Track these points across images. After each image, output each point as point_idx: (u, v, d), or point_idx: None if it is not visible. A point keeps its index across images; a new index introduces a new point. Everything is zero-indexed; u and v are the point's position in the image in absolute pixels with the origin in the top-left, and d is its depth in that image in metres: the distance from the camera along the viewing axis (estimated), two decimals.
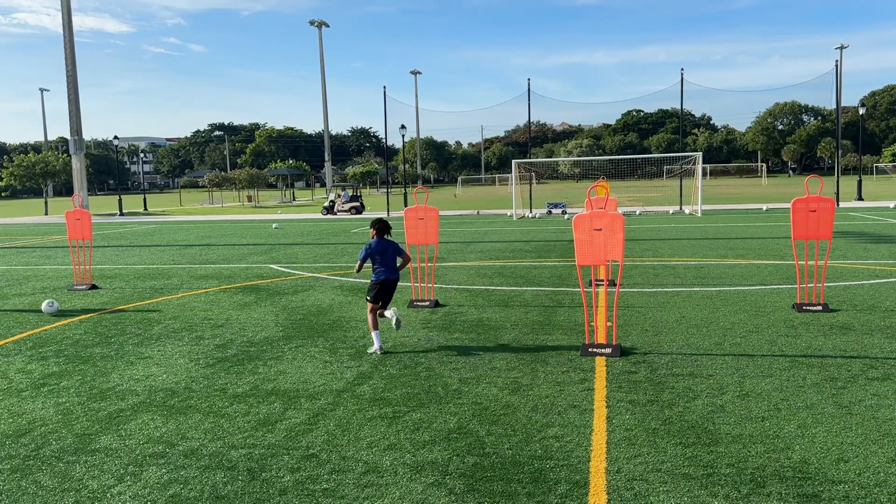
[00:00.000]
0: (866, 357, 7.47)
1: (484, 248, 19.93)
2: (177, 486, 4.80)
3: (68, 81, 45.60)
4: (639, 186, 67.97)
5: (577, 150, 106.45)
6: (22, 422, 6.20)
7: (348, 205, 43.80)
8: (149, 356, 8.39)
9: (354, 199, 44.40)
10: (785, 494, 4.43)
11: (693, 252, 17.49)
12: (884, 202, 37.18)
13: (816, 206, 9.81)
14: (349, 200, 44.24)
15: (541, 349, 8.19)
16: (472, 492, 4.59)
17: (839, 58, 40.43)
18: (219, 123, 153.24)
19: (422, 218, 11.11)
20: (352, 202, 44.01)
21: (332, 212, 44.01)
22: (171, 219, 44.38)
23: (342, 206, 43.97)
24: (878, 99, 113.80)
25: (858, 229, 22.57)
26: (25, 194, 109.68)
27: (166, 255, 20.43)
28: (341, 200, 44.26)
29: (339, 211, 43.92)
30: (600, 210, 7.99)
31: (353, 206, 43.53)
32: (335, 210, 44.01)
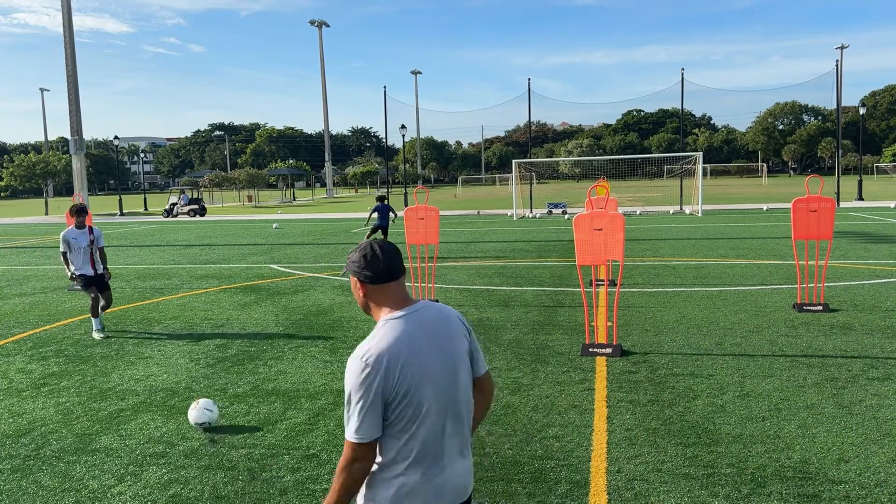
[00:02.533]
0: (867, 357, 7.47)
1: (484, 248, 19.93)
2: (177, 486, 4.80)
3: (68, 81, 45.61)
4: (639, 186, 67.97)
5: (578, 150, 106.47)
6: (22, 422, 6.21)
7: (187, 207, 45.98)
8: (149, 356, 8.39)
9: (194, 202, 46.97)
10: (785, 494, 4.43)
11: (693, 252, 17.49)
12: (884, 202, 37.17)
13: (817, 206, 9.80)
14: (188, 203, 46.71)
15: (541, 349, 8.19)
16: (472, 491, 4.59)
17: (839, 58, 40.40)
18: (219, 123, 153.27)
19: (422, 218, 11.10)
20: (191, 204, 46.41)
21: (171, 214, 45.87)
22: (171, 219, 44.39)
23: (181, 209, 46.05)
24: (879, 99, 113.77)
25: (859, 229, 22.56)
26: (26, 194, 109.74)
27: (166, 255, 20.43)
28: (181, 203, 46.58)
29: (179, 213, 45.91)
30: (600, 210, 7.98)
31: (192, 209, 45.72)
32: (175, 212, 45.91)
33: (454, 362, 2.53)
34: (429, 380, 2.46)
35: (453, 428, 2.54)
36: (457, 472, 2.56)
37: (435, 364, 2.48)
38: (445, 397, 2.51)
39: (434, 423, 2.48)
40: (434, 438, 2.49)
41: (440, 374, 2.49)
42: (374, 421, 2.40)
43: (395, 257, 2.55)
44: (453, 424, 2.54)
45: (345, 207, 53.00)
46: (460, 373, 2.55)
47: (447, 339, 2.54)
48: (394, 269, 2.53)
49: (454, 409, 2.54)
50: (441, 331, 2.54)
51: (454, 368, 2.53)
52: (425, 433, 2.47)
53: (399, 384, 2.41)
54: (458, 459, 2.57)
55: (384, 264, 2.52)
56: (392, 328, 2.47)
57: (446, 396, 2.51)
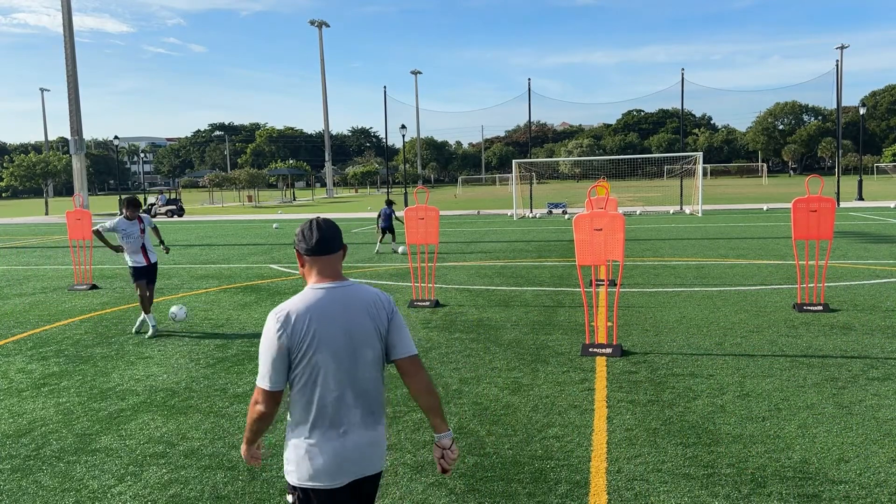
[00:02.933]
0: (867, 357, 7.47)
1: (484, 248, 19.93)
2: (177, 486, 4.81)
3: (68, 81, 45.61)
4: (639, 186, 67.97)
5: (578, 150, 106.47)
6: (22, 422, 6.21)
7: (165, 207, 46.72)
8: (149, 356, 8.39)
9: (172, 203, 47.54)
10: (785, 494, 4.43)
11: (693, 252, 17.49)
12: (884, 202, 37.17)
13: (817, 206, 9.80)
14: (166, 203, 47.44)
15: (541, 349, 8.19)
16: (472, 492, 4.59)
17: (839, 58, 40.39)
18: (219, 123, 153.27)
19: (422, 218, 11.11)
20: (169, 205, 47.13)
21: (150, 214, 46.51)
22: (171, 219, 44.40)
23: (160, 209, 46.84)
24: (879, 99, 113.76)
25: (859, 229, 22.56)
26: (26, 194, 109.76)
27: (166, 255, 20.43)
28: (159, 203, 47.46)
29: (158, 213, 46.65)
30: (601, 210, 7.98)
31: (170, 209, 46.48)
32: (153, 213, 46.65)
33: (357, 340, 2.76)
34: (329, 348, 2.71)
35: (354, 400, 2.77)
36: (358, 443, 2.77)
37: (338, 336, 2.73)
38: (346, 369, 2.75)
39: (333, 390, 2.73)
40: (332, 405, 2.73)
41: (342, 346, 2.73)
42: (278, 371, 2.70)
43: (327, 235, 2.78)
44: (354, 397, 2.77)
45: (345, 207, 53.01)
46: (363, 350, 2.77)
47: (357, 317, 2.76)
48: (324, 246, 2.76)
49: (355, 382, 2.77)
50: (353, 309, 2.77)
51: (357, 345, 2.76)
52: (322, 398, 2.72)
53: (301, 343, 2.69)
54: (359, 430, 2.78)
55: (316, 240, 2.76)
56: (311, 295, 2.76)
57: (347, 369, 2.75)
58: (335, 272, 2.82)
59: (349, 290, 2.81)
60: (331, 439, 2.74)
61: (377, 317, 2.81)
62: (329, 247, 2.78)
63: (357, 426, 2.78)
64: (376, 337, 2.81)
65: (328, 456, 2.74)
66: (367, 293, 2.84)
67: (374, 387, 2.83)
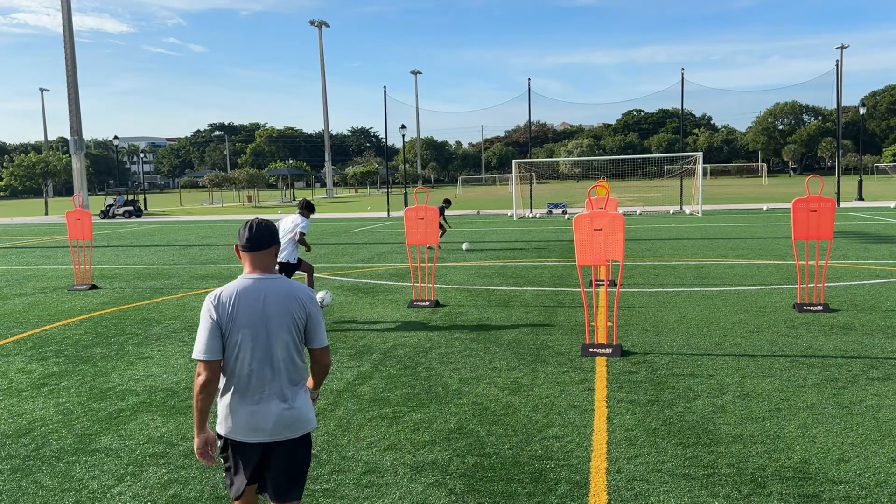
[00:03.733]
0: (867, 357, 7.47)
1: (484, 248, 19.93)
2: (177, 486, 4.80)
3: (68, 81, 45.61)
4: (639, 186, 67.97)
5: (578, 150, 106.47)
6: (22, 422, 6.20)
7: (122, 209, 47.02)
8: (149, 356, 8.39)
9: (129, 204, 47.83)
10: (785, 494, 4.43)
11: (693, 252, 17.49)
12: (884, 202, 37.17)
13: (817, 206, 9.80)
14: (124, 205, 47.73)
15: (541, 349, 8.18)
16: (472, 492, 4.59)
17: (839, 58, 40.40)
18: (219, 123, 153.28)
19: (422, 218, 11.11)
20: (126, 206, 47.44)
21: (108, 215, 46.91)
22: (172, 219, 44.39)
23: (117, 210, 47.13)
24: (879, 99, 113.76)
25: (859, 229, 22.56)
26: (25, 194, 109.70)
27: (166, 255, 20.43)
28: (116, 205, 47.64)
29: (115, 214, 46.96)
30: (600, 210, 7.98)
31: (127, 210, 46.82)
32: (111, 214, 46.96)
33: (273, 324, 3.22)
34: (247, 328, 3.20)
35: (272, 374, 3.24)
36: (270, 411, 3.23)
37: (256, 319, 3.21)
38: (263, 348, 3.22)
39: (250, 364, 3.22)
40: (250, 376, 3.23)
41: (259, 328, 3.21)
42: (211, 343, 3.17)
43: (257, 235, 3.26)
44: (271, 372, 3.24)
45: (345, 207, 53.01)
46: (278, 334, 3.23)
47: (275, 306, 3.23)
48: (254, 244, 3.25)
49: (272, 360, 3.24)
50: (272, 298, 3.23)
51: (272, 329, 3.23)
52: (241, 369, 3.22)
53: (227, 321, 3.20)
54: (275, 400, 3.24)
55: (247, 238, 3.26)
56: (240, 283, 3.26)
57: (263, 348, 3.22)
58: (264, 266, 3.29)
59: (273, 282, 3.27)
60: (247, 404, 3.23)
61: (294, 308, 3.26)
62: (258, 244, 3.26)
63: (272, 397, 3.24)
64: (292, 325, 3.25)
65: (243, 417, 3.23)
66: (289, 287, 3.29)
67: (291, 366, 3.28)
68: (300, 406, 3.30)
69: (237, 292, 3.23)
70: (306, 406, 3.34)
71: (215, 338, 3.18)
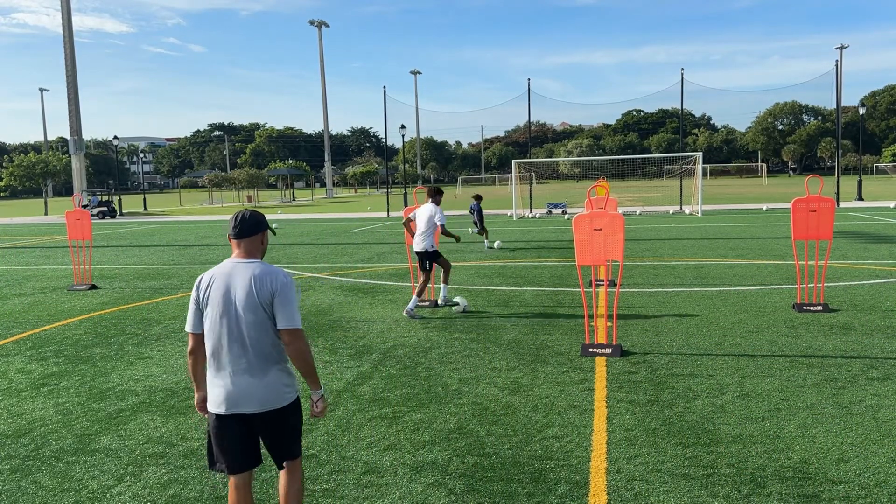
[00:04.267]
0: (866, 357, 7.47)
1: (484, 248, 19.92)
2: (177, 486, 4.80)
3: (68, 81, 45.60)
4: (639, 186, 67.97)
5: (577, 150, 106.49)
6: (22, 422, 6.20)
7: (96, 209, 47.08)
8: (149, 356, 8.39)
9: (104, 205, 48.02)
10: (785, 494, 4.43)
11: (693, 252, 17.49)
12: (884, 202, 37.18)
13: (817, 206, 9.80)
14: (98, 205, 47.90)
15: (541, 349, 8.18)
16: (472, 492, 4.59)
17: (839, 58, 40.42)
18: (218, 123, 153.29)
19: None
20: (100, 207, 47.62)
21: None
22: (171, 219, 44.39)
23: (91, 211, 46.94)
24: (878, 99, 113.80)
25: (858, 229, 22.56)
26: (25, 194, 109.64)
27: (166, 255, 20.43)
28: (91, 205, 47.76)
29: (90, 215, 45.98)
30: (600, 210, 7.98)
31: (101, 211, 46.90)
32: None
33: (239, 305, 3.53)
34: (218, 307, 3.55)
35: (240, 351, 3.54)
36: (240, 384, 3.54)
37: (226, 299, 3.55)
38: (231, 326, 3.54)
39: (220, 340, 3.56)
40: (220, 351, 3.56)
41: (230, 307, 3.54)
42: (192, 318, 3.64)
43: (241, 224, 3.64)
44: (240, 348, 3.54)
45: (344, 207, 53.01)
46: (245, 313, 3.52)
47: (239, 288, 3.54)
48: (238, 232, 3.63)
49: (240, 337, 3.54)
50: (239, 280, 3.55)
51: (239, 309, 3.53)
52: (214, 345, 3.58)
53: (203, 299, 3.61)
54: (244, 375, 3.54)
55: (233, 226, 3.65)
56: (222, 266, 3.65)
57: (232, 326, 3.54)
58: (246, 252, 3.63)
59: (248, 266, 3.59)
60: (222, 378, 3.57)
61: (260, 290, 3.52)
62: (242, 233, 3.63)
63: (242, 372, 3.54)
64: (257, 305, 3.52)
65: (218, 390, 3.58)
66: (261, 271, 3.57)
67: (260, 344, 3.54)
68: (271, 382, 3.57)
69: (214, 274, 3.63)
70: (279, 382, 3.60)
71: (195, 313, 3.63)
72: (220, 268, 3.64)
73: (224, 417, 3.58)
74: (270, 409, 3.57)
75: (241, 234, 3.63)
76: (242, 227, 3.64)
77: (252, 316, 3.52)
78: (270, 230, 3.84)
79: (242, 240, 3.64)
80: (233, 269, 3.59)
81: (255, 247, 3.66)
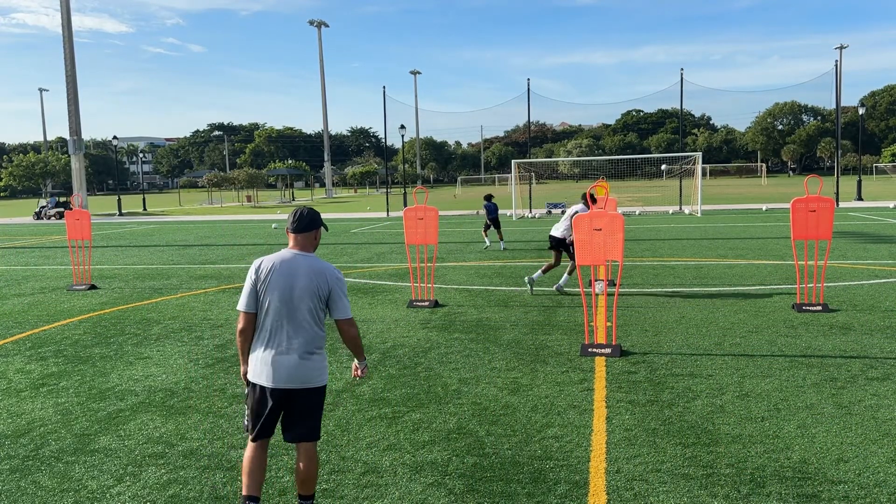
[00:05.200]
0: (866, 357, 7.47)
1: (484, 248, 19.92)
2: (176, 486, 4.80)
3: (67, 81, 45.59)
4: (638, 186, 67.99)
5: (577, 150, 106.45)
6: (21, 422, 6.20)
7: (54, 210, 47.13)
8: (148, 356, 8.39)
9: (62, 206, 47.69)
10: (785, 494, 4.43)
11: (693, 252, 17.49)
12: (883, 202, 37.19)
13: (816, 206, 9.80)
14: (55, 206, 47.79)
15: (540, 349, 8.18)
16: (471, 492, 4.59)
17: (839, 58, 40.43)
18: (218, 123, 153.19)
19: (421, 218, 11.11)
20: (58, 208, 47.39)
21: (40, 217, 47.27)
22: (171, 219, 44.38)
23: (49, 212, 47.27)
24: (878, 99, 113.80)
25: (858, 229, 22.57)
26: (25, 194, 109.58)
27: (166, 255, 20.43)
28: (48, 206, 47.84)
29: (47, 216, 47.03)
30: (600, 210, 7.98)
31: (59, 212, 46.66)
32: (44, 215, 47.14)
33: (297, 292, 3.93)
34: (277, 290, 3.93)
35: (293, 332, 3.95)
36: (289, 362, 3.94)
37: (285, 286, 3.93)
38: (287, 310, 3.93)
39: (276, 320, 3.95)
40: (274, 330, 3.95)
41: (287, 291, 3.93)
42: (248, 299, 3.99)
43: (300, 220, 4.05)
44: (293, 331, 3.95)
45: (344, 207, 53.01)
46: (301, 301, 3.93)
47: (300, 278, 3.93)
48: (298, 226, 4.04)
49: (293, 321, 3.94)
50: (300, 271, 3.95)
51: (297, 296, 3.93)
52: (269, 324, 3.96)
53: (262, 282, 3.97)
54: (293, 354, 3.94)
55: (290, 222, 4.06)
56: (282, 254, 4.01)
57: (288, 310, 3.93)
58: (304, 245, 4.05)
59: (307, 259, 4.00)
60: (271, 354, 3.94)
61: (318, 283, 3.94)
62: (301, 227, 4.04)
63: (292, 351, 3.93)
64: (315, 296, 3.94)
65: (266, 365, 3.95)
66: (319, 265, 3.98)
67: (310, 329, 3.96)
68: (314, 364, 3.98)
69: (276, 262, 3.97)
70: (319, 365, 4.02)
71: (251, 295, 3.97)
72: (279, 257, 3.99)
73: (268, 389, 3.96)
74: (308, 387, 3.97)
75: (301, 228, 4.03)
76: (301, 222, 4.03)
77: (309, 303, 3.93)
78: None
79: (301, 234, 4.03)
80: (295, 260, 3.97)
81: (310, 241, 4.07)
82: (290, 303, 3.91)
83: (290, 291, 3.91)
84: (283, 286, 3.91)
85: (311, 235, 4.06)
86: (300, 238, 4.03)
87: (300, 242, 4.03)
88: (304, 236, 4.04)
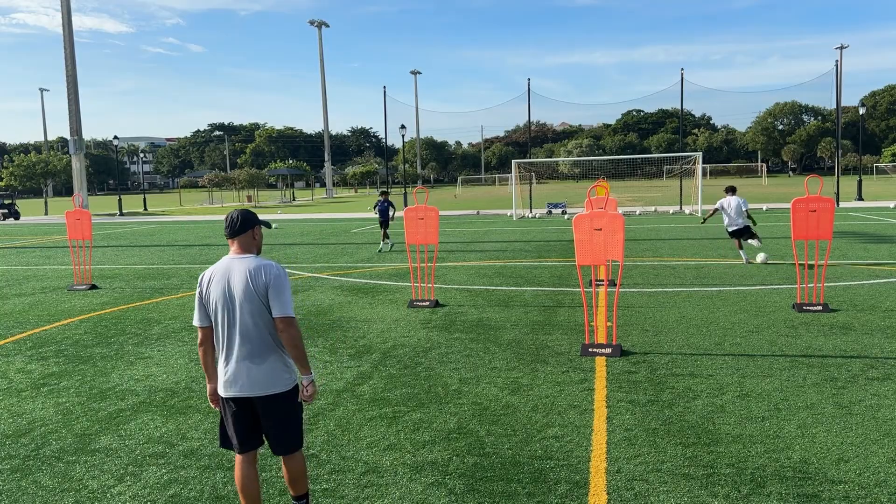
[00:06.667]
0: (866, 357, 7.47)
1: (484, 248, 19.93)
2: (177, 486, 4.80)
3: (68, 81, 45.60)
4: (639, 186, 67.97)
5: (577, 150, 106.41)
6: (22, 422, 6.20)
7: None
8: (149, 356, 8.39)
9: (5, 207, 47.03)
10: (785, 494, 4.43)
11: (693, 252, 17.49)
12: (884, 202, 37.17)
13: (816, 206, 9.80)
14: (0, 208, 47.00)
15: (540, 349, 8.19)
16: (472, 492, 4.59)
17: (839, 58, 40.41)
18: (218, 123, 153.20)
19: (422, 218, 11.10)
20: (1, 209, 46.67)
21: None
22: (171, 219, 44.38)
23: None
24: (878, 99, 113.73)
25: (858, 229, 22.56)
26: (25, 194, 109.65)
27: (166, 255, 20.43)
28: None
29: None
30: (600, 210, 7.98)
31: (3, 213, 46.13)
32: None
33: (236, 296, 3.84)
34: (219, 299, 3.88)
35: (240, 339, 3.86)
36: (240, 370, 3.86)
37: (222, 290, 3.87)
38: (230, 317, 3.86)
39: (223, 329, 3.89)
40: (224, 340, 3.90)
41: (226, 299, 3.86)
42: (199, 313, 3.97)
43: (231, 225, 3.93)
44: (240, 337, 3.86)
45: (344, 207, 53.00)
46: (242, 304, 3.83)
47: (236, 280, 3.84)
48: (229, 232, 3.94)
49: (240, 326, 3.85)
50: (236, 273, 3.86)
51: (236, 300, 3.84)
52: (218, 334, 3.92)
53: (205, 294, 3.94)
54: (245, 361, 3.86)
55: (225, 228, 3.98)
56: (220, 262, 3.97)
57: (231, 316, 3.86)
58: (240, 248, 3.94)
59: (243, 261, 3.89)
60: (228, 364, 3.90)
61: (254, 283, 3.82)
62: (235, 231, 3.93)
63: (243, 359, 3.86)
64: (253, 297, 3.82)
65: (225, 375, 3.91)
66: (255, 264, 3.86)
67: (257, 332, 3.85)
68: (269, 367, 3.88)
69: (214, 271, 3.94)
70: (278, 368, 3.90)
71: (199, 308, 3.96)
72: (218, 264, 3.95)
73: (231, 400, 3.92)
74: (271, 393, 3.86)
75: (234, 233, 3.94)
76: (233, 226, 3.95)
77: (249, 306, 3.83)
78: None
79: (236, 237, 3.95)
80: (230, 265, 3.90)
81: (248, 242, 3.96)
82: (231, 309, 3.84)
83: (230, 297, 3.84)
84: (220, 293, 3.85)
85: (248, 236, 3.94)
86: (237, 241, 3.94)
87: (238, 245, 3.94)
88: (239, 239, 3.93)
